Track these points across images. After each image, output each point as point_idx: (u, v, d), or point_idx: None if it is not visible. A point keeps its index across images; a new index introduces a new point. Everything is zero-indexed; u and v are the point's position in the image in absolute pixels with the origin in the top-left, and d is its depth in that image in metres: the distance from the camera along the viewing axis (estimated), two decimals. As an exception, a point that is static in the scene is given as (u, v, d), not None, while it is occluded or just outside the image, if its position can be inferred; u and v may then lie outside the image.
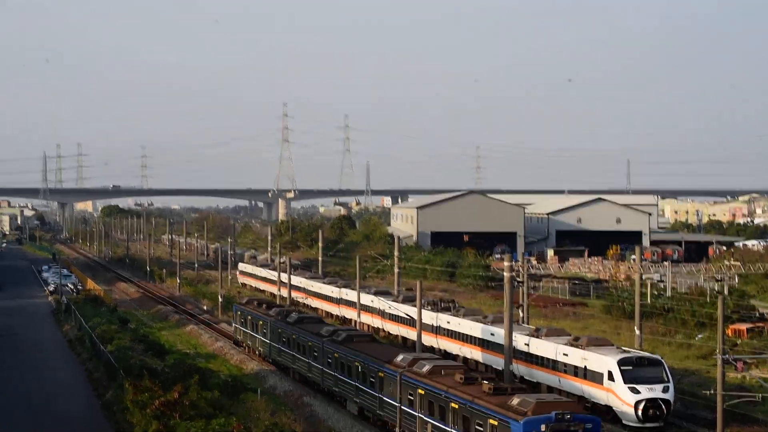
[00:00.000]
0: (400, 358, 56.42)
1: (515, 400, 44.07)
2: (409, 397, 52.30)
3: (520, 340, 70.05)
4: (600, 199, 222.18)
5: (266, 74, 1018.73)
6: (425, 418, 50.36)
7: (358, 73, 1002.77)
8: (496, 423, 43.66)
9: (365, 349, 62.17)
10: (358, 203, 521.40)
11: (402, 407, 53.32)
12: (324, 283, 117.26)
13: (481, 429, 44.71)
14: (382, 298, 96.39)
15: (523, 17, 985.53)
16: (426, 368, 52.53)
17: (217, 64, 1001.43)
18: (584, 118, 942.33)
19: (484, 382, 47.82)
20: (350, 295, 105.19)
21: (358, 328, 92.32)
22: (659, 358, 62.96)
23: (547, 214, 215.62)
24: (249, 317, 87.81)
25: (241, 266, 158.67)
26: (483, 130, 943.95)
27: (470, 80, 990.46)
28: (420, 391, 50.83)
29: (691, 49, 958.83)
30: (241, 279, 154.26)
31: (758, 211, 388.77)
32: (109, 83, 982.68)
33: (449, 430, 47.69)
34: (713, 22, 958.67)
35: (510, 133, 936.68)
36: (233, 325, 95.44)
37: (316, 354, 69.52)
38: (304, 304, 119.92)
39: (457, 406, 46.95)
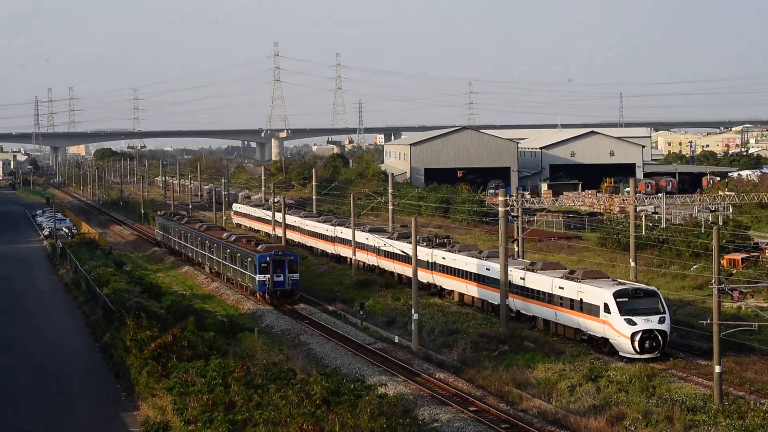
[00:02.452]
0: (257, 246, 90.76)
1: (259, 247, 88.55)
2: (235, 258, 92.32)
3: (516, 275, 70.12)
4: (593, 132, 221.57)
5: (257, 13, 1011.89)
6: (237, 266, 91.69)
7: (349, 10, 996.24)
8: (250, 258, 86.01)
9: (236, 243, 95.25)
10: (350, 141, 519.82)
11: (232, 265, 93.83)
12: (319, 221, 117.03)
13: (243, 263, 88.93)
14: (377, 236, 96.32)
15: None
16: (234, 238, 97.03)
17: (207, 4, 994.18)
18: (576, 52, 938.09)
19: (254, 243, 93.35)
20: (345, 233, 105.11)
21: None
22: (655, 289, 63.06)
23: (541, 148, 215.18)
24: (171, 227, 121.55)
25: (235, 206, 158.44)
26: (475, 67, 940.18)
27: (461, 16, 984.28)
28: (244, 254, 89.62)
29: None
30: (236, 219, 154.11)
31: (751, 141, 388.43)
32: (99, 26, 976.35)
33: (236, 266, 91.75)
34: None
35: (502, 69, 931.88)
36: (156, 230, 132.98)
37: (218, 250, 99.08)
38: (300, 243, 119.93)
39: (240, 254, 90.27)
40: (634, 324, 59.09)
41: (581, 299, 62.72)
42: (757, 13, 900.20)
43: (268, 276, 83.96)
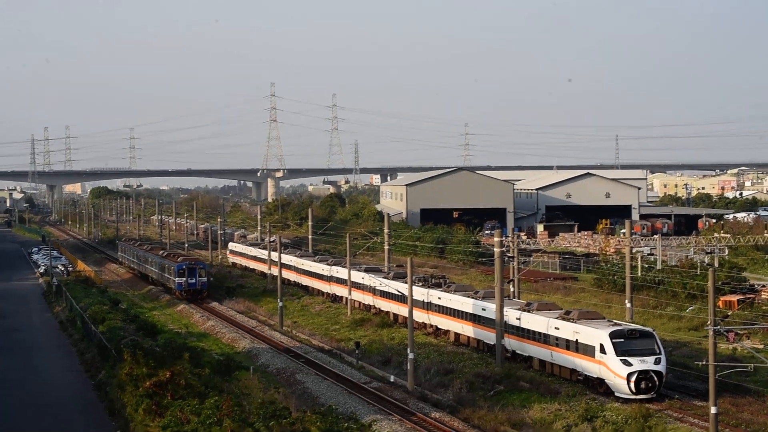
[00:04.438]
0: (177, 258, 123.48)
1: (179, 259, 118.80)
2: (164, 268, 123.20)
3: (512, 315, 70.12)
4: (589, 174, 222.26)
5: (254, 54, 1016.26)
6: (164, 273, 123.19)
7: (345, 52, 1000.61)
8: (172, 267, 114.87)
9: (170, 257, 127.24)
10: (347, 181, 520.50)
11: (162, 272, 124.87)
12: (315, 260, 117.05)
13: (168, 270, 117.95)
14: (373, 275, 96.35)
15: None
16: (165, 254, 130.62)
17: (204, 44, 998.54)
18: (572, 94, 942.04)
19: (177, 256, 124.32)
20: (341, 272, 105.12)
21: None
22: (651, 330, 63.04)
23: (536, 189, 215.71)
24: (128, 250, 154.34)
25: (231, 245, 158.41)
26: (471, 108, 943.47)
27: (458, 60, 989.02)
28: (167, 265, 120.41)
29: (679, 21, 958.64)
30: (231, 258, 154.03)
31: (747, 183, 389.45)
32: (96, 66, 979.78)
33: (164, 273, 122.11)
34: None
35: (498, 111, 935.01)
36: (119, 253, 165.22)
37: (154, 263, 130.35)
38: (296, 282, 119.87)
39: (167, 265, 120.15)
40: (630, 365, 59.03)
41: (577, 340, 62.70)
42: (755, 57, 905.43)
43: (184, 279, 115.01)
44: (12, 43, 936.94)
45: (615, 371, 59.39)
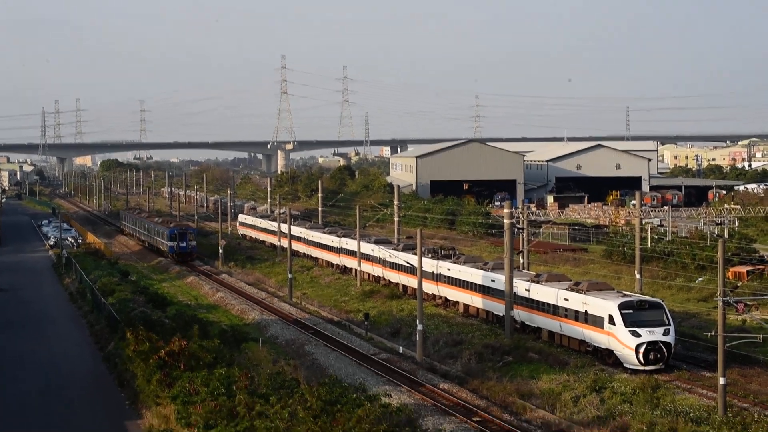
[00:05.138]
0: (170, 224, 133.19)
1: (172, 224, 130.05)
2: (159, 233, 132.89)
3: (521, 286, 70.11)
4: (599, 146, 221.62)
5: (265, 25, 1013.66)
6: (158, 238, 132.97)
7: (356, 23, 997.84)
8: (165, 231, 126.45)
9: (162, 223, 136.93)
10: (357, 153, 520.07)
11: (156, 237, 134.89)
12: (324, 232, 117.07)
13: (161, 235, 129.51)
14: (382, 247, 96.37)
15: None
16: (160, 220, 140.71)
17: (214, 16, 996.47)
18: (583, 65, 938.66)
19: (170, 222, 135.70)
20: (350, 244, 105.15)
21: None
22: (660, 301, 62.97)
23: (547, 161, 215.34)
24: (129, 218, 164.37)
25: (241, 217, 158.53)
26: (482, 80, 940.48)
27: (468, 30, 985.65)
28: (161, 230, 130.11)
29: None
30: (241, 230, 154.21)
31: (758, 155, 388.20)
32: (107, 37, 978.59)
33: (158, 238, 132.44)
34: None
35: (509, 83, 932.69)
36: (121, 221, 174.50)
37: (149, 229, 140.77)
38: (305, 254, 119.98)
39: (160, 230, 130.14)
40: (639, 336, 59.04)
41: (586, 311, 62.69)
42: (765, 27, 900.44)
43: (176, 242, 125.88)
44: (19, 17, 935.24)
45: (624, 342, 59.39)
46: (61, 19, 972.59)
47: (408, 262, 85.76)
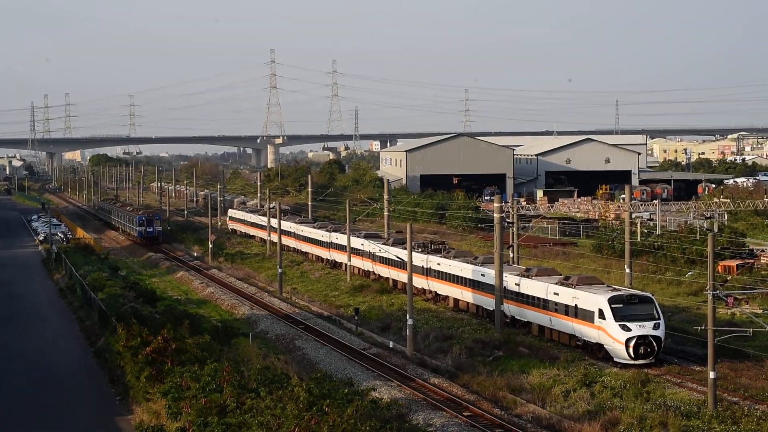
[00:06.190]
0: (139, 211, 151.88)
1: (140, 212, 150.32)
2: (129, 219, 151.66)
3: (511, 280, 70.17)
4: (589, 140, 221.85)
5: (254, 20, 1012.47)
6: (129, 224, 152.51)
7: (345, 18, 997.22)
8: (134, 218, 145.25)
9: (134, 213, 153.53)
10: (346, 148, 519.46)
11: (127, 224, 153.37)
12: (314, 227, 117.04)
13: (131, 221, 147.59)
14: (372, 242, 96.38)
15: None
16: (130, 209, 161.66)
17: (203, 10, 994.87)
18: (572, 59, 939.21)
19: (138, 210, 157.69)
20: (340, 238, 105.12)
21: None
22: (650, 295, 63.04)
23: (536, 155, 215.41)
24: (112, 210, 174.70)
25: (231, 212, 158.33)
26: (471, 74, 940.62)
27: (457, 24, 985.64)
28: (131, 217, 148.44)
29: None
30: (231, 225, 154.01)
31: (747, 148, 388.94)
32: (96, 32, 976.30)
33: (129, 224, 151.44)
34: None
35: (498, 77, 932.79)
36: (99, 210, 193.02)
37: (122, 216, 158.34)
38: (295, 249, 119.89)
39: (131, 216, 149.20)
40: (629, 330, 59.12)
41: (576, 305, 62.76)
42: (754, 21, 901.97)
43: (144, 227, 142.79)
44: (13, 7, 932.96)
45: (614, 336, 59.47)
46: (49, 12, 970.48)
47: (398, 257, 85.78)
